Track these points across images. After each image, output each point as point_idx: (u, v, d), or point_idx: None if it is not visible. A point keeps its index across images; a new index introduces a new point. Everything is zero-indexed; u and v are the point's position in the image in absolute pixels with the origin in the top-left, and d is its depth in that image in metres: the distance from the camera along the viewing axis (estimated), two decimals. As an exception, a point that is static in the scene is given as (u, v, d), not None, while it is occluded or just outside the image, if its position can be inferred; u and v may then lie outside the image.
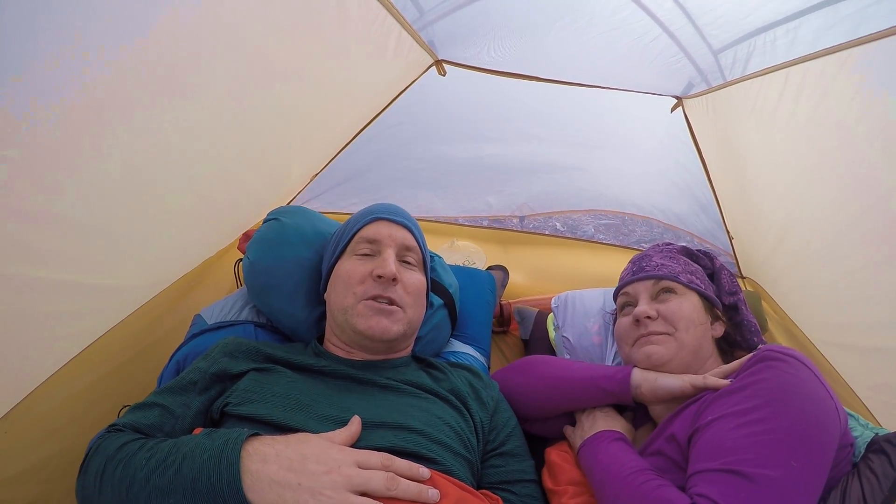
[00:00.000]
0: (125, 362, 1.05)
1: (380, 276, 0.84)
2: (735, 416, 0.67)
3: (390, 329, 0.83)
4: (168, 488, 0.56)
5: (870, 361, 1.05)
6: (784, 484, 0.60)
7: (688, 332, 0.86)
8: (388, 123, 1.59)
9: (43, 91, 0.59)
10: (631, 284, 0.97)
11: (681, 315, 0.87)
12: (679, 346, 0.85)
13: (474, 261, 1.71)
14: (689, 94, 1.37)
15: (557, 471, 0.83)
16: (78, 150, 0.69)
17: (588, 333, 1.18)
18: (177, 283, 1.15)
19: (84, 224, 0.78)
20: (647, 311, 0.88)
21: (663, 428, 0.78)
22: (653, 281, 0.93)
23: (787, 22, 0.98)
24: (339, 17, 0.93)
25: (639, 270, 0.97)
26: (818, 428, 0.64)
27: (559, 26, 1.15)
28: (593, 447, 0.80)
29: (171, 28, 0.69)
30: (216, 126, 0.92)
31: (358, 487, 0.57)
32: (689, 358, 0.85)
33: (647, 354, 0.86)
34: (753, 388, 0.69)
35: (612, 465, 0.74)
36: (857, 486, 0.65)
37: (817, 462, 0.63)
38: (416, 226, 0.97)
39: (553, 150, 1.73)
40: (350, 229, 0.94)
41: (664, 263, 0.95)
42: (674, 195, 1.76)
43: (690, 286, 0.92)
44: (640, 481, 0.68)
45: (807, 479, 0.61)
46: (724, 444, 0.65)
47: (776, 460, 0.61)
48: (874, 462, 0.68)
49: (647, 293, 0.93)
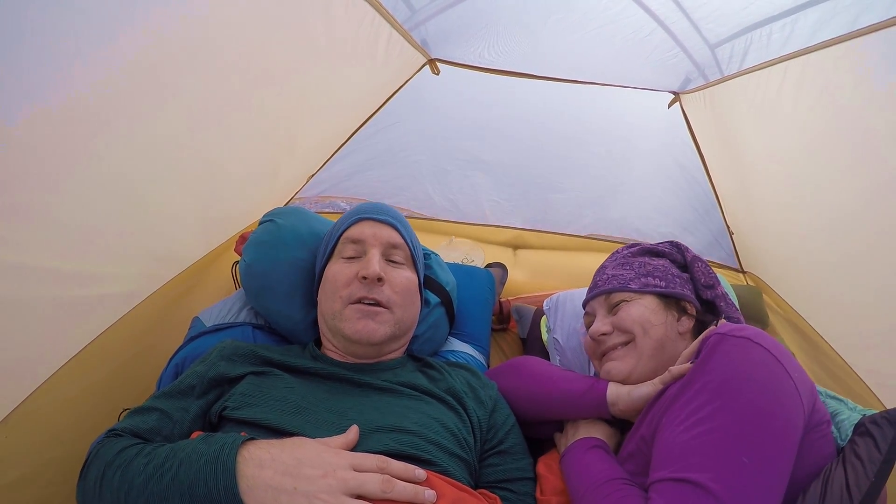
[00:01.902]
0: (124, 365, 1.05)
1: (364, 278, 0.84)
2: (684, 417, 0.64)
3: (377, 332, 0.83)
4: (165, 493, 0.57)
5: (874, 348, 1.05)
6: (737, 485, 0.56)
7: (646, 335, 0.85)
8: (383, 123, 1.59)
9: (35, 92, 0.59)
10: (588, 303, 0.98)
11: (632, 321, 0.86)
12: (639, 354, 0.84)
13: (473, 258, 1.71)
14: (687, 89, 1.36)
15: (543, 482, 0.83)
16: (71, 149, 0.69)
17: (577, 334, 1.18)
18: (175, 285, 1.15)
19: (77, 222, 0.78)
20: (599, 328, 0.90)
21: (635, 429, 0.76)
22: (605, 296, 0.94)
23: (783, 17, 0.97)
24: (327, 18, 0.93)
25: (593, 287, 0.98)
26: (771, 416, 0.60)
27: (552, 21, 1.14)
28: (571, 456, 0.80)
29: (160, 30, 0.69)
30: (206, 127, 0.92)
31: (354, 490, 0.58)
32: (652, 363, 0.84)
33: (607, 371, 0.87)
34: (701, 381, 0.65)
35: (583, 474, 0.73)
36: (840, 473, 0.60)
37: (774, 454, 0.59)
38: (402, 223, 0.97)
39: (551, 151, 1.73)
40: (336, 232, 0.94)
41: (615, 274, 0.95)
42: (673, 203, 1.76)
43: (644, 290, 0.90)
44: (604, 493, 0.67)
45: (765, 474, 0.58)
46: (673, 449, 0.62)
47: (728, 461, 0.58)
48: (859, 446, 0.62)
49: (602, 309, 0.93)
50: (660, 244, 1.01)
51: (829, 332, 1.24)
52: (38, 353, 0.86)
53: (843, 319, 1.19)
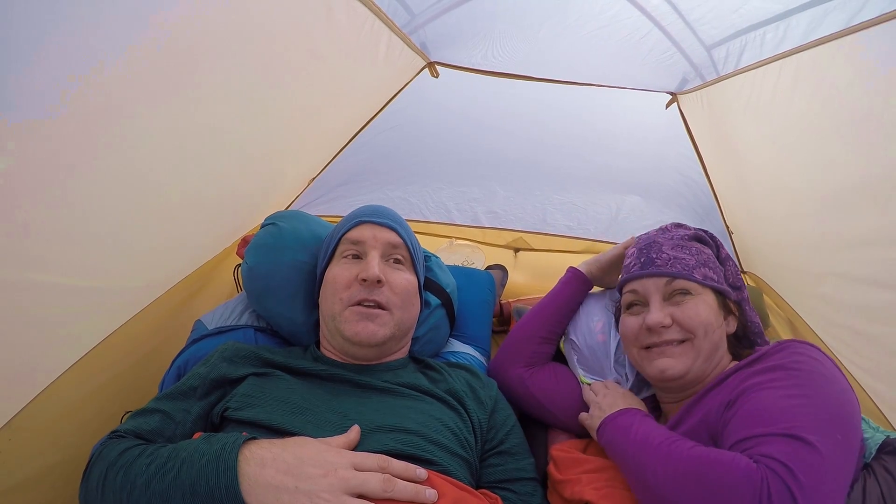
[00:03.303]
0: (127, 369, 1.05)
1: (364, 280, 0.84)
2: (777, 388, 0.66)
3: (377, 333, 0.84)
4: (167, 493, 0.57)
5: (874, 347, 1.05)
6: (835, 455, 0.60)
7: (706, 337, 0.79)
8: (383, 127, 1.59)
9: (40, 93, 0.60)
10: (639, 280, 0.86)
11: (699, 321, 0.79)
12: (696, 355, 0.79)
13: (473, 260, 1.72)
14: (684, 89, 1.37)
15: (565, 463, 0.83)
16: (75, 153, 0.69)
17: (593, 333, 1.17)
18: (177, 288, 1.16)
19: (81, 227, 0.79)
20: (661, 320, 0.80)
21: (688, 411, 0.77)
22: (665, 280, 0.83)
23: (777, 19, 0.98)
24: (328, 22, 0.93)
25: (648, 263, 0.86)
26: (853, 412, 0.65)
27: (550, 24, 1.15)
28: (623, 422, 0.78)
29: (163, 34, 0.70)
30: (208, 130, 0.92)
31: (355, 490, 0.58)
32: (704, 364, 0.80)
33: (660, 370, 0.79)
34: (790, 369, 0.68)
35: (651, 434, 0.72)
36: (874, 484, 0.66)
37: (854, 443, 0.63)
38: (402, 225, 0.97)
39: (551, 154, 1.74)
40: (336, 234, 0.95)
41: (677, 256, 0.84)
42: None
43: (706, 283, 0.83)
44: (688, 446, 0.66)
45: (848, 456, 0.61)
46: (774, 412, 0.64)
47: (826, 431, 0.60)
48: (889, 463, 0.68)
49: (658, 293, 0.83)
50: (700, 230, 0.93)
51: (826, 332, 1.24)
52: (40, 357, 0.86)
53: (840, 319, 1.18)
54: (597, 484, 0.76)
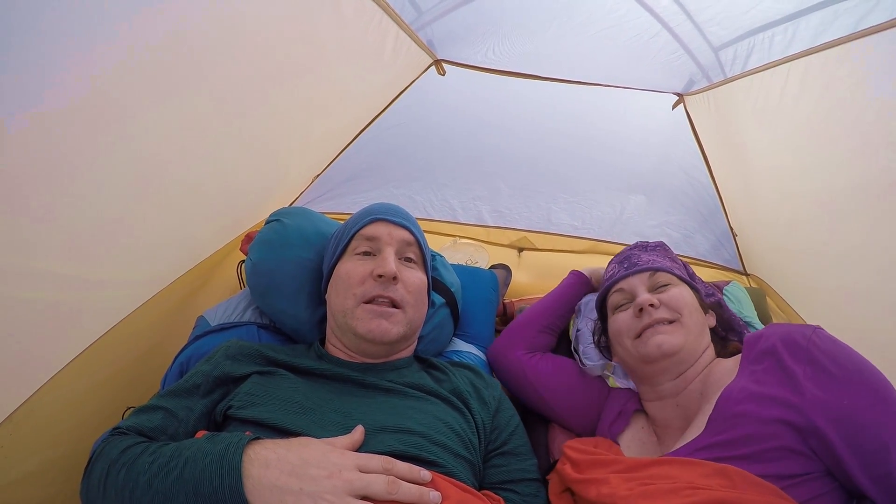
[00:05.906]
0: (129, 364, 1.05)
1: (380, 276, 0.84)
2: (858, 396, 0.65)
3: (390, 331, 0.83)
4: (170, 492, 0.57)
5: (877, 354, 1.04)
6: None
7: (691, 317, 0.86)
8: (388, 124, 1.59)
9: (44, 88, 0.59)
10: (625, 279, 0.94)
11: (683, 302, 0.87)
12: (687, 332, 0.84)
13: (477, 260, 1.71)
14: (691, 90, 1.36)
15: (586, 463, 0.79)
16: (79, 146, 0.69)
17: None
18: (180, 284, 1.16)
19: (84, 219, 0.78)
20: (649, 298, 0.87)
21: (730, 393, 0.72)
22: (648, 273, 0.93)
23: (786, 21, 0.98)
24: (336, 18, 0.93)
25: (631, 266, 0.96)
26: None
27: (558, 23, 1.14)
28: None
29: (170, 27, 0.69)
30: (214, 125, 0.92)
31: (359, 491, 0.57)
32: (695, 342, 0.85)
33: (657, 344, 0.83)
34: (836, 365, 0.69)
35: None
36: None
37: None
38: (415, 225, 0.97)
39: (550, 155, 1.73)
40: (349, 230, 0.94)
41: (655, 259, 0.96)
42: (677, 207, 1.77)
43: (683, 279, 0.93)
44: None
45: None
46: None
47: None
48: None
49: (643, 286, 0.91)
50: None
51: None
52: (41, 351, 0.85)
53: (843, 324, 1.18)
54: (631, 484, 0.74)
